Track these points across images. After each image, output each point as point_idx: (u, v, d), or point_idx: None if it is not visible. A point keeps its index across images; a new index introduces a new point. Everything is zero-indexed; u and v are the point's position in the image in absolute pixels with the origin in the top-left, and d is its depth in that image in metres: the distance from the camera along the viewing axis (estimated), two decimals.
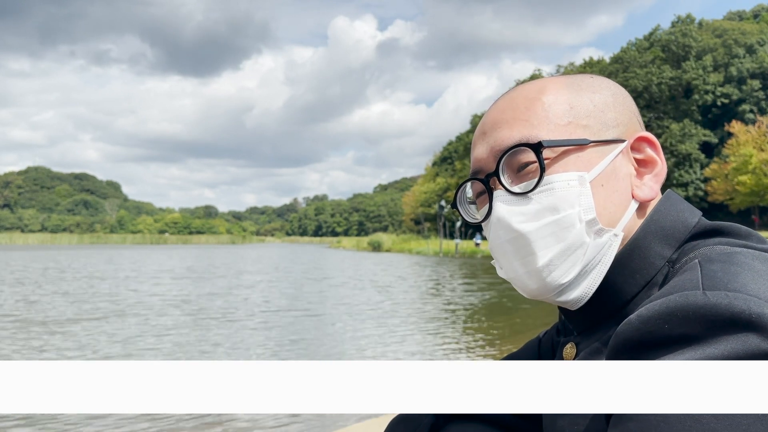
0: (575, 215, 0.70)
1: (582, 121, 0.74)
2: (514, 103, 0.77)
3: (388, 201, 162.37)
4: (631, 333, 0.56)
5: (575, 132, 0.74)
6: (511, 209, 0.73)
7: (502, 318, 10.67)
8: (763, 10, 72.78)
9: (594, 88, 0.78)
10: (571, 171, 0.72)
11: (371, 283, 18.35)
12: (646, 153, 0.76)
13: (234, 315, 11.03)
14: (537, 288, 0.73)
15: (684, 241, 0.71)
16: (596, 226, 0.71)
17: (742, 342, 0.51)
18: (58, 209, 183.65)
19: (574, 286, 0.72)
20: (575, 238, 0.71)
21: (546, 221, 0.71)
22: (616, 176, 0.74)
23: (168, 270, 25.15)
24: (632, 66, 61.68)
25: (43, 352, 7.57)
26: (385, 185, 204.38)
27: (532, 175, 0.73)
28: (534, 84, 0.78)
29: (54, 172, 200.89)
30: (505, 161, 0.74)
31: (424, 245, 52.71)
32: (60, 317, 10.48)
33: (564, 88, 0.77)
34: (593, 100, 0.76)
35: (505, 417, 0.92)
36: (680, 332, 0.53)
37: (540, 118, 0.74)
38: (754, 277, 0.56)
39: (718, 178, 50.73)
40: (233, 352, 7.59)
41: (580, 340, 0.76)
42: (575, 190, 0.71)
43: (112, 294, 14.77)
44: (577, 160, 0.72)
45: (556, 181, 0.71)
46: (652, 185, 0.75)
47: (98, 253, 48.23)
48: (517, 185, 0.73)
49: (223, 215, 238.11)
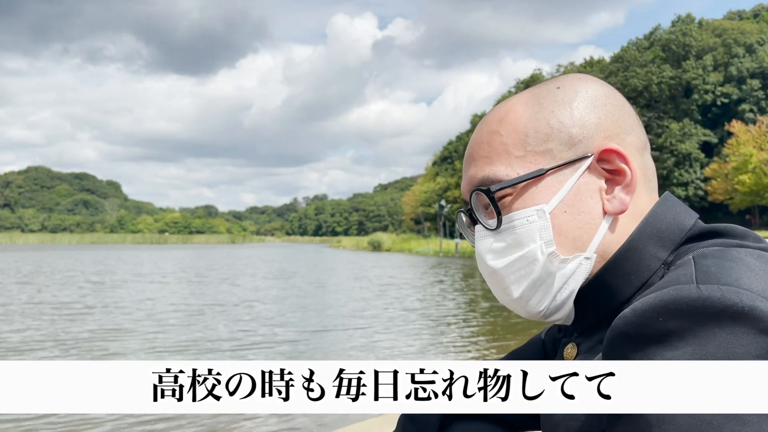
0: (537, 249, 0.71)
1: (540, 147, 0.73)
2: (480, 137, 0.77)
3: (388, 201, 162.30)
4: (625, 327, 0.56)
5: (534, 161, 0.73)
6: (485, 246, 0.76)
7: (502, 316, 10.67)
8: (763, 9, 72.73)
9: (559, 101, 0.75)
10: (528, 207, 0.72)
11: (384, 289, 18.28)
12: (615, 164, 0.73)
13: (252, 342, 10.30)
14: (524, 314, 0.76)
15: (680, 243, 0.71)
16: (558, 258, 0.71)
17: (734, 334, 0.51)
18: (58, 209, 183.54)
19: (554, 310, 0.74)
20: (541, 271, 0.72)
21: (513, 257, 0.73)
22: (580, 197, 0.72)
23: (172, 273, 25.10)
24: (632, 65, 61.62)
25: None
26: (385, 185, 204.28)
27: (495, 213, 0.75)
28: (498, 111, 0.78)
29: (54, 172, 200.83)
30: (473, 199, 0.76)
31: (424, 245, 52.70)
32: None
33: (524, 112, 0.75)
34: (555, 119, 0.74)
35: (509, 415, 0.91)
36: (674, 325, 0.53)
37: (498, 152, 0.74)
38: (747, 271, 0.56)
39: (718, 177, 50.66)
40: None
41: (581, 340, 0.77)
42: (536, 225, 0.71)
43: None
44: (536, 192, 0.72)
45: (516, 218, 0.72)
46: (623, 197, 0.73)
47: (98, 253, 48.17)
48: (487, 222, 0.76)
49: (223, 215, 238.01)
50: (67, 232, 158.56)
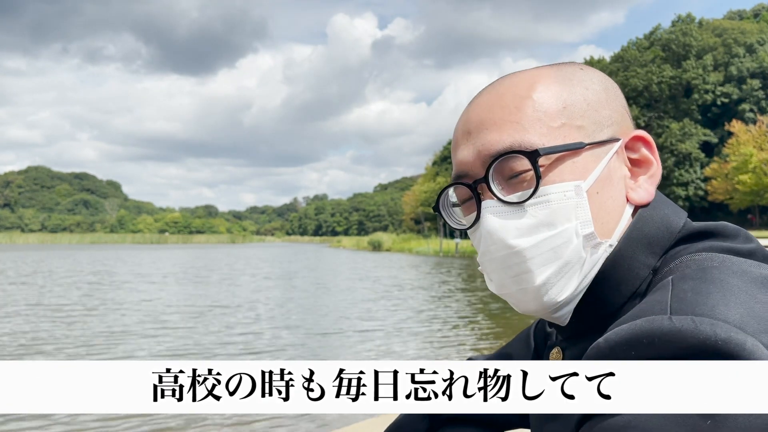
0: (572, 230, 0.66)
1: (576, 122, 0.68)
2: (502, 101, 0.69)
3: (388, 200, 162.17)
4: (597, 358, 0.55)
5: (569, 135, 0.67)
6: (504, 223, 0.67)
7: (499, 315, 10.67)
8: (763, 9, 72.70)
9: (586, 82, 0.71)
10: (566, 180, 0.66)
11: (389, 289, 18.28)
12: (641, 153, 0.71)
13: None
14: (533, 306, 0.69)
15: (669, 247, 0.68)
16: (594, 241, 0.66)
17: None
18: (58, 209, 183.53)
19: (570, 302, 0.69)
20: (572, 254, 0.66)
21: (542, 237, 0.66)
22: (610, 181, 0.69)
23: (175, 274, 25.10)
24: (633, 65, 61.59)
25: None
26: (385, 185, 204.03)
27: (526, 184, 0.67)
28: (523, 78, 0.71)
29: (54, 172, 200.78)
30: (495, 168, 0.67)
31: (424, 245, 52.67)
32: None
33: (555, 83, 0.70)
34: (586, 97, 0.70)
35: (500, 419, 0.90)
36: (646, 358, 0.52)
37: (531, 119, 0.67)
38: (725, 296, 0.54)
39: (718, 177, 50.65)
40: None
41: (566, 345, 0.74)
42: (572, 202, 0.66)
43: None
44: (573, 166, 0.67)
45: (552, 192, 0.66)
46: (648, 187, 0.70)
47: (98, 253, 48.19)
48: (509, 195, 0.67)
49: (223, 215, 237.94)
50: (67, 232, 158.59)
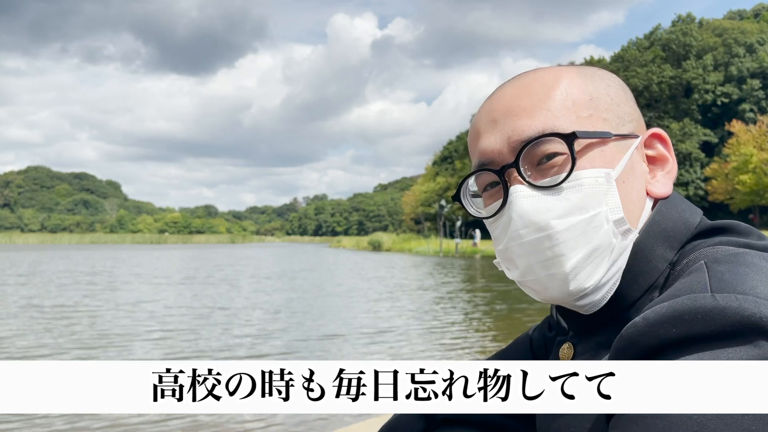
0: (603, 215, 0.66)
1: (602, 114, 0.70)
2: (530, 90, 0.71)
3: (388, 200, 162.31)
4: (636, 336, 0.54)
5: (597, 125, 0.69)
6: (536, 205, 0.67)
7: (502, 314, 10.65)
8: (763, 9, 72.71)
9: (606, 80, 0.74)
10: (597, 167, 0.68)
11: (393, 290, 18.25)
12: (658, 150, 0.74)
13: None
14: (559, 292, 0.68)
15: (686, 241, 0.69)
16: (624, 226, 0.67)
17: (753, 346, 0.49)
18: (58, 209, 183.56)
19: (596, 289, 0.68)
20: (602, 239, 0.66)
21: (575, 220, 0.66)
22: (633, 173, 0.71)
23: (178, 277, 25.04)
24: (633, 65, 61.64)
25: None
26: (385, 185, 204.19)
27: (557, 169, 0.68)
28: (547, 72, 0.73)
29: (54, 172, 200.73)
30: (525, 153, 0.68)
31: (424, 245, 52.66)
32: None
33: (579, 77, 0.72)
34: (609, 93, 0.72)
35: (495, 420, 0.89)
36: (689, 335, 0.51)
37: (561, 107, 0.69)
38: (763, 278, 0.54)
39: (718, 177, 50.69)
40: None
41: (578, 341, 0.74)
42: (603, 188, 0.67)
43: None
44: (602, 154, 0.68)
45: (585, 177, 0.67)
46: (666, 182, 0.73)
47: (98, 253, 48.18)
48: (540, 180, 0.68)
49: (223, 215, 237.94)
50: (67, 232, 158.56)
